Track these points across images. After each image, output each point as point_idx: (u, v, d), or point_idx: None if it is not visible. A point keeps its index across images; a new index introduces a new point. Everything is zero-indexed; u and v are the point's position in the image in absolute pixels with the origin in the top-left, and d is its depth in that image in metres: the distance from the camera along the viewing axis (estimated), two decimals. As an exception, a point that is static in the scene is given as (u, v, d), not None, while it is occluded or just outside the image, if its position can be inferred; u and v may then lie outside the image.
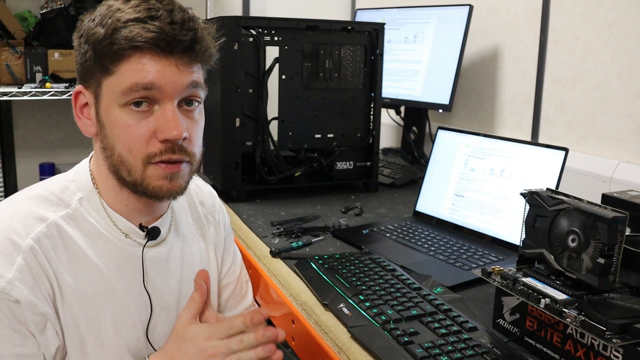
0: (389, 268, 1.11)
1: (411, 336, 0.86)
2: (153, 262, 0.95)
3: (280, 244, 1.30)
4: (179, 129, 0.84)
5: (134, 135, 0.84)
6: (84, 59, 0.85)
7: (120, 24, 0.81)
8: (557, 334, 0.82)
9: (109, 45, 0.81)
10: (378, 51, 1.72)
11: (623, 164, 1.49)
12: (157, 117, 0.84)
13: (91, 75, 0.86)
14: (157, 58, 0.82)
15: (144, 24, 0.81)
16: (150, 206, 0.94)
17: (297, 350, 1.05)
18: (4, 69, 2.37)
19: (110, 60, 0.82)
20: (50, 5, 2.47)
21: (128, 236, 0.92)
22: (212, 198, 1.14)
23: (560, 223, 0.83)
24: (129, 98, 0.83)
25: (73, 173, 0.94)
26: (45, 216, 0.86)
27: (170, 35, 0.81)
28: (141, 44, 0.81)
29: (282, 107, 1.65)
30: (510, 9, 1.89)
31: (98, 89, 0.85)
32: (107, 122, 0.86)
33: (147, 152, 0.85)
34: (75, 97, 0.89)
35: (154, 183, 0.87)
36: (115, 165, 0.87)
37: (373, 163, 1.78)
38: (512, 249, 1.23)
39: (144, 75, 0.82)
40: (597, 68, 1.59)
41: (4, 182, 2.64)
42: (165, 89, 0.83)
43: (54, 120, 2.73)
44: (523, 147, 1.29)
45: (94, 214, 0.90)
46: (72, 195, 0.90)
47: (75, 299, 0.86)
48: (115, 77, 0.83)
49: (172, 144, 0.85)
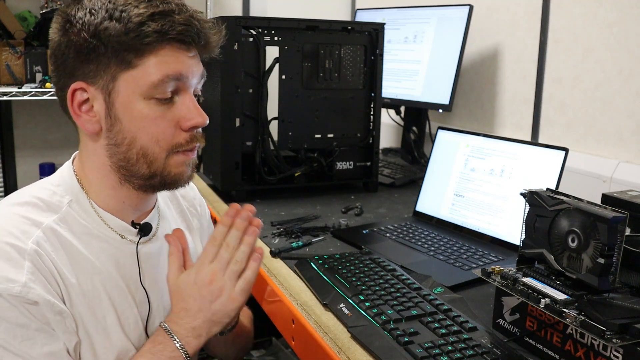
0: (389, 268, 1.11)
1: (411, 336, 0.86)
2: (147, 258, 0.96)
3: (280, 244, 1.30)
4: (203, 116, 0.89)
5: (161, 127, 0.86)
6: (91, 53, 0.83)
7: (145, 18, 0.81)
8: (557, 334, 0.82)
9: (135, 38, 0.81)
10: (378, 51, 1.72)
11: (623, 164, 1.49)
12: (179, 107, 0.87)
13: (101, 70, 0.84)
14: (183, 50, 0.85)
15: (172, 17, 0.83)
16: (144, 201, 0.96)
17: (297, 350, 1.05)
18: (4, 69, 2.36)
19: (134, 53, 0.82)
20: (50, 5, 2.47)
21: (121, 235, 0.93)
22: (192, 191, 1.16)
23: (560, 223, 0.83)
24: (159, 90, 0.84)
25: (57, 177, 0.93)
26: (39, 221, 0.85)
27: (196, 29, 0.85)
28: (175, 36, 0.83)
29: (282, 107, 1.65)
30: (510, 9, 1.89)
31: (111, 83, 0.84)
32: (127, 115, 0.85)
33: (174, 142, 0.88)
34: (71, 94, 0.86)
35: (175, 170, 0.89)
36: (131, 160, 0.87)
37: (373, 163, 1.78)
38: (512, 249, 1.23)
39: (174, 67, 0.84)
40: (597, 68, 1.59)
41: (4, 182, 2.64)
42: (191, 80, 0.88)
43: (54, 120, 2.73)
44: (523, 147, 1.29)
45: (84, 215, 0.90)
46: (61, 199, 0.89)
47: (80, 299, 0.86)
48: (139, 70, 0.83)
49: (195, 132, 0.89)
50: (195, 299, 0.89)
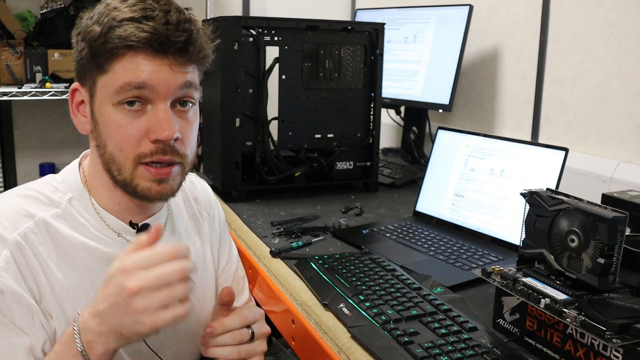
0: (389, 268, 1.11)
1: (411, 336, 0.86)
2: None
3: (280, 244, 1.30)
4: (171, 130, 0.84)
5: (125, 134, 0.84)
6: (80, 56, 0.86)
7: (116, 23, 0.81)
8: (557, 334, 0.82)
9: (103, 43, 0.82)
10: (378, 51, 1.72)
11: (623, 164, 1.49)
12: (150, 117, 0.84)
13: (87, 72, 0.86)
14: (150, 58, 0.82)
15: (138, 24, 0.81)
16: (142, 206, 0.94)
17: (297, 350, 1.05)
18: (4, 69, 2.36)
19: (104, 58, 0.83)
20: (50, 5, 2.47)
21: (120, 235, 0.92)
22: (207, 194, 1.14)
23: (560, 223, 0.83)
24: (121, 97, 0.83)
25: (63, 174, 0.94)
26: (33, 213, 0.86)
27: (164, 36, 0.81)
28: (134, 43, 0.81)
29: (282, 107, 1.65)
30: (510, 9, 1.89)
31: (93, 87, 0.86)
32: (101, 120, 0.86)
33: (138, 151, 0.85)
34: (71, 94, 0.90)
35: (143, 184, 0.87)
36: (107, 164, 0.87)
37: (373, 163, 1.78)
38: (512, 249, 1.23)
39: (136, 75, 0.82)
40: (597, 68, 1.59)
41: (4, 182, 2.64)
42: (158, 89, 0.83)
43: (54, 120, 2.73)
44: (523, 147, 1.29)
45: (85, 213, 0.91)
46: (62, 195, 0.90)
47: (64, 294, 0.86)
48: (109, 76, 0.83)
49: (163, 145, 0.85)
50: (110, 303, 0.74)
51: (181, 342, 1.02)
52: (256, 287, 1.24)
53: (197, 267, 1.03)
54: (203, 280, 1.07)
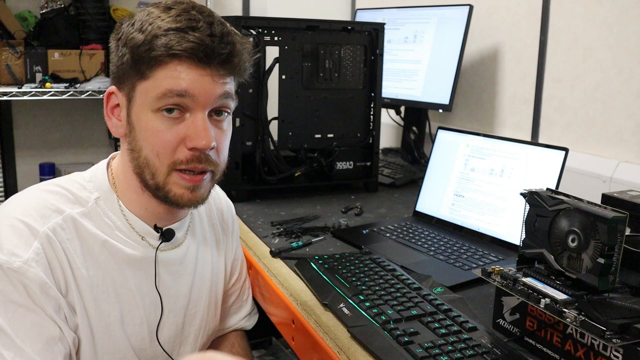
0: (389, 268, 1.11)
1: (411, 336, 0.86)
2: (167, 264, 0.97)
3: (280, 244, 1.30)
4: (208, 139, 0.86)
5: (162, 140, 0.86)
6: (120, 61, 0.87)
7: (161, 32, 0.83)
8: (557, 334, 0.82)
9: (147, 50, 0.83)
10: (378, 51, 1.72)
11: (623, 164, 1.49)
12: (188, 125, 0.86)
13: (126, 77, 0.87)
14: (193, 67, 0.84)
15: (184, 34, 0.83)
16: (170, 212, 0.96)
17: (297, 350, 1.05)
18: (4, 69, 2.36)
19: (147, 65, 0.84)
20: (50, 5, 2.47)
21: (143, 238, 0.94)
22: (229, 208, 1.17)
23: (560, 223, 0.83)
24: (162, 103, 0.85)
25: (90, 173, 0.96)
26: (62, 209, 0.88)
27: (210, 47, 0.84)
28: (180, 52, 0.83)
29: (282, 107, 1.65)
30: (510, 9, 1.89)
31: (132, 92, 0.87)
32: (138, 124, 0.87)
33: (174, 158, 0.87)
34: (107, 97, 0.91)
35: (176, 190, 0.88)
36: (141, 168, 0.89)
37: (373, 163, 1.78)
38: (512, 249, 1.23)
39: (178, 83, 0.84)
40: (597, 68, 1.59)
41: (4, 182, 2.64)
42: (199, 98, 0.85)
43: (54, 120, 2.73)
44: (523, 147, 1.29)
45: (110, 214, 0.92)
46: (89, 194, 0.92)
47: (88, 291, 0.87)
48: (150, 82, 0.85)
49: (199, 153, 0.87)
50: None
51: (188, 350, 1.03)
52: (256, 287, 1.24)
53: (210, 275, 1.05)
54: (215, 289, 1.09)
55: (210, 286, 1.07)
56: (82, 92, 2.39)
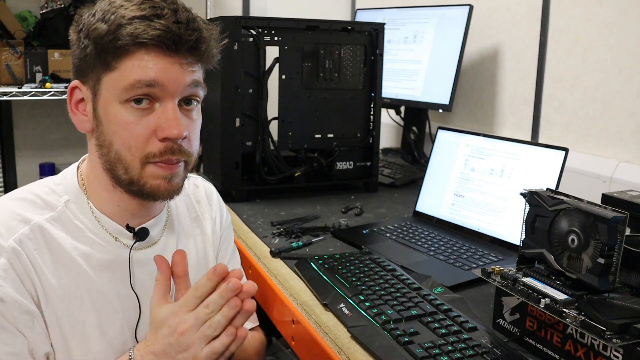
0: (389, 268, 1.11)
1: (411, 336, 0.86)
2: (143, 264, 0.94)
3: (280, 244, 1.30)
4: (180, 128, 0.84)
5: (133, 133, 0.83)
6: (83, 53, 0.84)
7: (125, 21, 0.80)
8: (557, 334, 0.82)
9: (112, 40, 0.81)
10: (378, 51, 1.72)
11: (623, 164, 1.49)
12: (158, 115, 0.84)
13: (90, 70, 0.84)
14: (161, 56, 0.82)
15: (149, 22, 0.80)
16: (144, 207, 0.93)
17: (297, 350, 1.05)
18: (4, 69, 2.37)
19: (112, 56, 0.82)
20: (50, 5, 2.47)
21: (116, 238, 0.92)
22: (210, 196, 1.13)
23: (560, 223, 0.83)
24: (130, 94, 0.82)
25: (60, 177, 0.93)
26: (28, 218, 0.85)
27: (177, 34, 0.81)
28: (146, 40, 0.80)
29: (282, 107, 1.65)
30: (510, 9, 1.89)
31: (97, 85, 0.84)
32: (106, 118, 0.85)
33: (147, 151, 0.84)
34: (70, 92, 0.88)
35: (152, 182, 0.86)
36: (111, 163, 0.86)
37: (373, 163, 1.78)
38: (512, 249, 1.23)
39: (147, 72, 0.82)
40: (597, 68, 1.59)
41: (4, 182, 2.64)
42: (168, 87, 0.83)
43: (54, 120, 2.73)
44: (523, 147, 1.29)
45: (81, 216, 0.90)
46: (59, 198, 0.89)
47: (59, 301, 0.85)
48: (116, 73, 0.82)
49: (171, 144, 0.85)
50: (164, 342, 0.81)
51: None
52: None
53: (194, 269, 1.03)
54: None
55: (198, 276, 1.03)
56: (82, 92, 2.39)
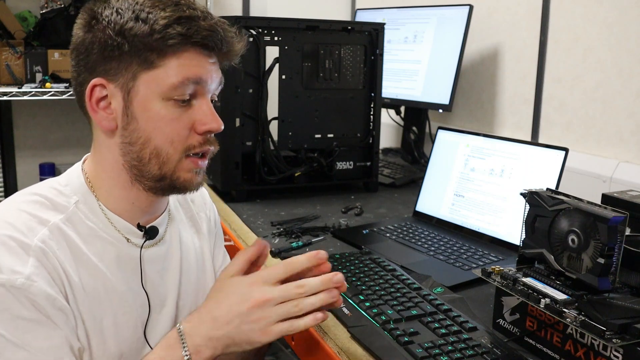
0: (389, 268, 1.11)
1: (411, 336, 0.86)
2: (152, 262, 0.95)
3: (280, 244, 1.30)
4: (219, 121, 0.90)
5: (176, 128, 0.87)
6: (115, 51, 0.84)
7: (172, 21, 0.83)
8: (557, 334, 0.82)
9: (159, 39, 0.83)
10: (378, 51, 1.72)
11: (623, 164, 1.49)
12: (196, 110, 0.88)
13: (122, 68, 0.85)
14: (202, 55, 0.86)
15: (197, 22, 0.84)
16: (154, 204, 0.95)
17: (297, 350, 1.05)
18: (4, 69, 2.37)
19: (157, 54, 0.84)
20: (50, 5, 2.47)
21: (127, 238, 0.92)
22: (202, 196, 1.14)
23: (560, 223, 0.83)
24: (178, 92, 0.85)
25: (65, 177, 0.93)
26: (45, 219, 0.85)
27: (221, 35, 0.86)
28: (198, 40, 0.84)
29: (282, 107, 1.65)
30: (510, 9, 1.89)
31: (131, 82, 0.85)
32: (144, 115, 0.86)
33: (187, 143, 0.88)
34: (90, 90, 0.87)
35: (184, 175, 0.89)
36: (143, 159, 0.87)
37: (373, 163, 1.78)
38: (512, 249, 1.23)
39: (195, 71, 0.86)
40: (597, 68, 1.59)
41: (4, 182, 2.64)
42: (207, 85, 0.89)
43: (54, 120, 2.73)
44: (523, 147, 1.29)
45: (91, 216, 0.90)
46: (68, 199, 0.89)
47: (81, 298, 0.86)
48: (160, 71, 0.84)
49: (208, 136, 0.90)
50: (231, 309, 0.81)
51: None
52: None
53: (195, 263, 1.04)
54: (203, 280, 1.07)
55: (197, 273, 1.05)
56: (82, 92, 2.39)
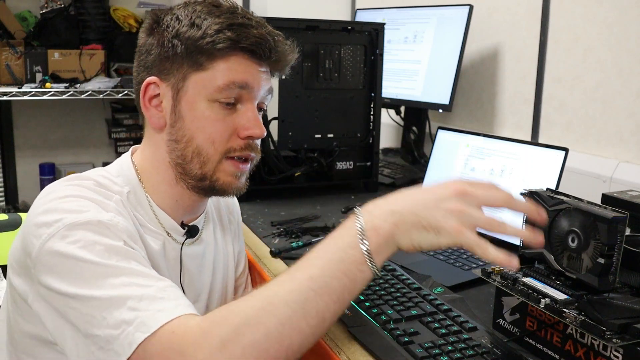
0: (389, 268, 1.11)
1: (411, 336, 0.86)
2: (192, 259, 0.99)
3: (280, 244, 1.30)
4: (262, 128, 0.91)
5: (219, 129, 0.89)
6: (169, 52, 0.89)
7: (224, 26, 0.86)
8: (557, 334, 0.82)
9: (210, 43, 0.86)
10: (378, 51, 1.72)
11: (623, 164, 1.49)
12: (240, 115, 0.90)
13: (175, 68, 0.89)
14: (251, 62, 0.89)
15: (247, 29, 0.87)
16: (196, 204, 0.98)
17: (297, 350, 1.05)
18: (4, 69, 2.37)
19: (207, 57, 0.87)
20: (50, 5, 2.47)
21: (169, 234, 0.95)
22: (234, 200, 1.18)
23: (560, 223, 0.83)
24: (224, 94, 0.88)
25: (116, 168, 0.95)
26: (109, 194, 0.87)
27: (270, 44, 0.89)
28: (246, 46, 0.87)
29: (282, 107, 1.65)
30: (510, 9, 1.89)
31: (181, 82, 0.89)
32: (190, 114, 0.89)
33: (228, 146, 0.90)
34: (145, 87, 0.91)
35: (224, 178, 0.91)
36: (186, 157, 0.90)
37: (373, 163, 1.78)
38: (512, 249, 1.23)
39: (241, 76, 0.88)
40: (597, 68, 1.59)
41: (4, 182, 2.64)
42: (253, 91, 0.90)
43: (54, 120, 2.74)
44: (523, 147, 1.29)
45: (139, 208, 0.92)
46: (121, 189, 0.91)
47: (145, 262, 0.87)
48: (208, 73, 0.88)
49: (250, 141, 0.91)
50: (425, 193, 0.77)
51: None
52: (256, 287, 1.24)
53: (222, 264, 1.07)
54: (226, 280, 1.10)
55: (223, 274, 1.09)
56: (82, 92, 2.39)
